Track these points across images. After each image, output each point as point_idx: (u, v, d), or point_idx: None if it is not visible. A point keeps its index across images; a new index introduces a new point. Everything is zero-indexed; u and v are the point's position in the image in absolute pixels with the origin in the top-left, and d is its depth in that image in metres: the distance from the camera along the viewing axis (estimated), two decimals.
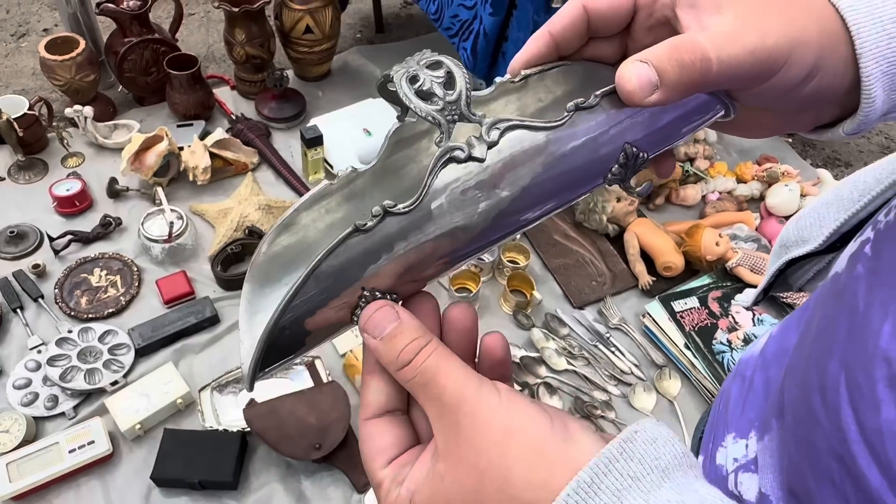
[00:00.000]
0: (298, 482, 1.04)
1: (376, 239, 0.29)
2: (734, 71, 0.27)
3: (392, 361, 0.28)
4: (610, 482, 0.23)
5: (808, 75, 0.29)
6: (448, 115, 0.29)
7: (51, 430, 1.07)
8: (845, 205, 0.41)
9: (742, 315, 1.24)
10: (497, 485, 0.25)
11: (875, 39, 0.28)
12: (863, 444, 0.28)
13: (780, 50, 0.27)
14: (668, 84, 0.27)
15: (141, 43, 1.49)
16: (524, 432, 0.25)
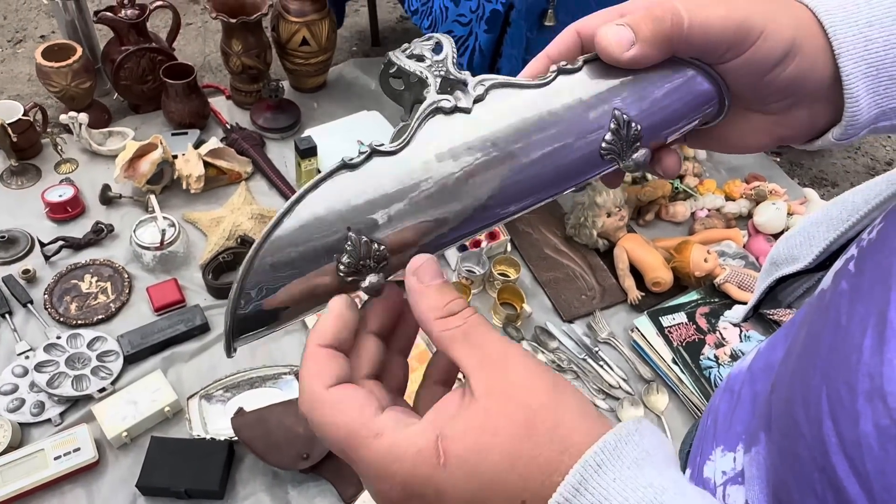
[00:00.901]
0: (285, 492, 1.04)
1: (365, 185, 0.29)
2: (706, 30, 0.28)
3: (439, 308, 0.28)
4: (630, 451, 0.25)
5: (786, 53, 0.29)
6: (435, 71, 0.31)
7: (36, 437, 1.06)
8: (834, 224, 0.42)
9: (729, 331, 1.25)
10: (549, 425, 0.25)
11: (852, 41, 0.29)
12: (842, 455, 0.29)
13: (752, 21, 0.28)
14: (643, 38, 0.28)
15: (138, 51, 1.50)
16: (571, 391, 0.26)
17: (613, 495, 0.24)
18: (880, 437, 0.27)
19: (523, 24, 1.19)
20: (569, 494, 0.24)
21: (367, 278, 0.29)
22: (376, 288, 0.30)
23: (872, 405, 0.27)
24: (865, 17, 0.29)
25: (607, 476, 0.24)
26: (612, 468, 0.24)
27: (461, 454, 0.25)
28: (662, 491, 0.24)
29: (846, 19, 0.29)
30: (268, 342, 1.21)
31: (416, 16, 1.44)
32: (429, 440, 0.25)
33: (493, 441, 0.25)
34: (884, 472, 0.27)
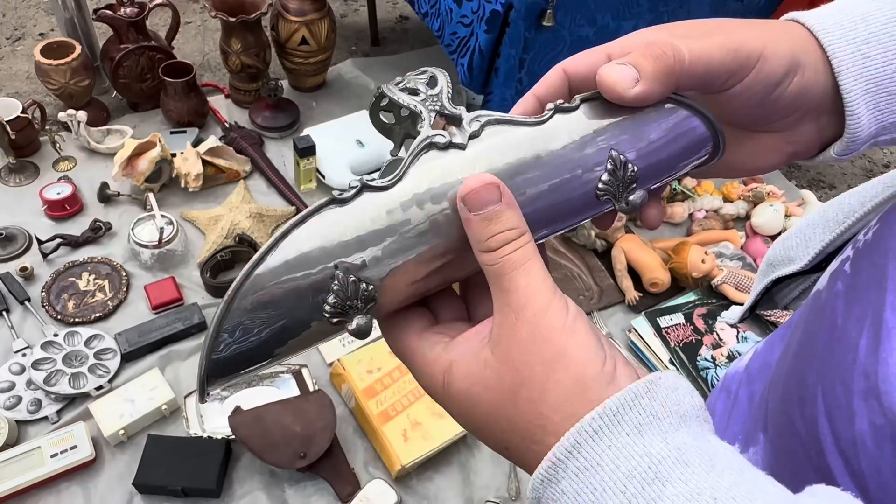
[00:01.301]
0: (282, 491, 1.04)
1: (353, 214, 0.28)
2: (707, 61, 0.28)
3: (480, 241, 0.27)
4: (633, 416, 0.24)
5: (787, 71, 0.29)
6: (430, 105, 0.30)
7: (33, 435, 1.06)
8: (831, 226, 0.42)
9: (726, 332, 1.26)
10: (531, 396, 0.26)
11: (851, 59, 0.29)
12: (837, 454, 0.29)
13: (750, 45, 0.29)
14: (646, 76, 0.28)
15: (137, 49, 1.50)
16: (575, 363, 0.26)
17: (606, 462, 0.24)
18: (875, 436, 0.27)
19: (521, 25, 1.19)
20: (562, 455, 0.24)
21: (353, 320, 0.28)
22: (364, 330, 0.28)
23: (868, 404, 0.28)
24: (863, 34, 0.29)
25: (602, 442, 0.24)
26: (609, 434, 0.24)
27: (457, 393, 0.28)
28: (660, 461, 0.23)
29: (844, 37, 0.29)
30: None
31: (426, 18, 1.44)
32: (440, 370, 0.28)
33: (482, 394, 0.27)
34: (879, 471, 0.27)
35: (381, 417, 1.07)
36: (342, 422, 1.11)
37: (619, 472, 0.23)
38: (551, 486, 0.25)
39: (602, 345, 0.27)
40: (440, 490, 1.06)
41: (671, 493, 0.22)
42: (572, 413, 0.25)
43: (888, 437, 0.26)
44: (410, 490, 1.06)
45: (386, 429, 1.05)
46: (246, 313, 0.27)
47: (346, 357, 1.14)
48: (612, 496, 0.23)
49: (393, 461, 1.04)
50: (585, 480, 0.24)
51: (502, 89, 1.30)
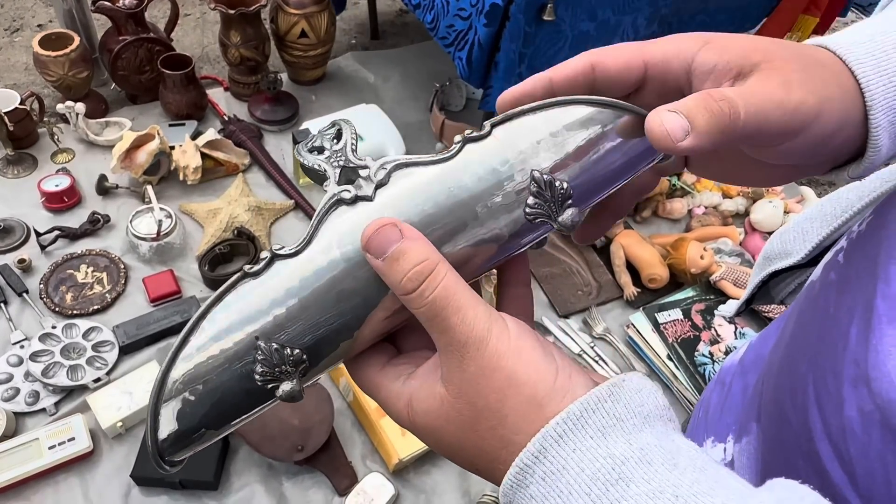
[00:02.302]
0: (279, 483, 1.04)
1: (267, 285, 0.28)
2: (762, 120, 0.27)
3: (396, 286, 0.27)
4: (596, 419, 0.25)
5: (836, 130, 0.28)
6: (334, 161, 0.29)
7: (31, 426, 1.06)
8: (828, 220, 0.42)
9: (724, 328, 1.26)
10: (490, 424, 0.26)
11: (883, 91, 0.28)
12: (827, 441, 0.30)
13: (807, 105, 0.27)
14: (699, 131, 0.26)
15: (135, 41, 1.49)
16: (526, 385, 0.26)
17: (571, 465, 0.24)
18: (864, 422, 0.28)
19: (522, 18, 1.18)
20: (529, 461, 0.25)
21: (280, 387, 0.28)
22: (293, 396, 0.28)
23: (857, 391, 0.28)
24: (895, 65, 0.28)
25: (567, 446, 0.25)
26: (573, 438, 0.25)
27: (422, 427, 0.29)
28: (623, 461, 0.24)
29: (876, 68, 0.28)
30: None
31: (418, 10, 1.43)
32: (403, 405, 0.29)
33: (445, 427, 0.28)
34: (866, 456, 0.27)
35: (379, 411, 1.07)
36: (340, 415, 1.11)
37: (583, 475, 0.24)
38: (520, 490, 0.25)
39: (553, 357, 0.27)
40: (437, 484, 1.06)
41: (634, 492, 0.23)
42: (533, 431, 0.25)
43: (876, 422, 0.27)
44: (408, 484, 1.06)
45: (384, 422, 1.06)
46: (178, 393, 0.28)
47: None
48: (577, 498, 0.24)
49: (390, 455, 1.04)
50: (552, 484, 0.24)
51: (502, 83, 1.29)
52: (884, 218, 0.31)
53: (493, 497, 1.03)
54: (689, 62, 0.28)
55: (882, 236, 0.30)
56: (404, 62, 1.86)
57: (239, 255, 1.32)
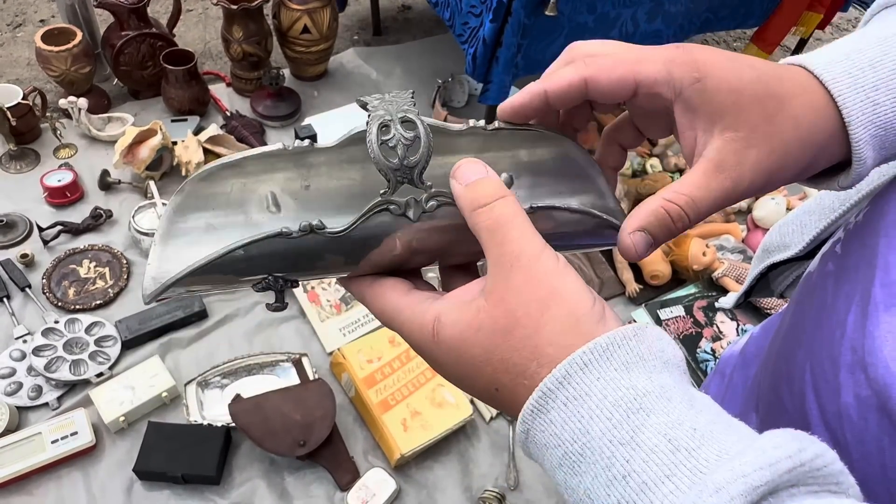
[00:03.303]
0: (282, 479, 1.04)
1: (295, 246, 0.31)
2: (706, 215, 0.31)
3: (469, 204, 0.30)
4: (621, 354, 0.26)
5: (797, 175, 0.31)
6: (399, 175, 0.31)
7: (34, 421, 1.07)
8: (825, 213, 0.42)
9: (726, 325, 1.26)
10: (526, 332, 0.27)
11: (860, 107, 0.29)
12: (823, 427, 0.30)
13: (754, 187, 0.30)
14: (658, 241, 0.31)
15: (138, 37, 1.49)
16: (567, 301, 0.27)
17: (594, 392, 0.25)
18: (860, 407, 0.28)
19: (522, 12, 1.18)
20: (552, 386, 0.26)
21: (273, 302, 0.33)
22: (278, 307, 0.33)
23: (854, 377, 0.28)
24: (871, 81, 0.29)
25: (591, 375, 0.25)
26: (598, 368, 0.25)
27: (448, 340, 0.29)
28: (645, 394, 0.25)
29: (852, 85, 0.29)
30: (265, 330, 1.21)
31: (437, 7, 1.44)
32: (429, 320, 0.30)
33: (474, 336, 0.28)
34: (862, 442, 0.28)
35: (381, 406, 1.07)
36: (342, 410, 1.11)
37: (606, 401, 0.25)
38: (541, 416, 0.26)
39: (591, 290, 0.29)
40: (439, 479, 1.06)
41: (654, 421, 0.24)
42: (566, 345, 0.26)
43: (873, 407, 0.27)
44: (409, 479, 1.06)
45: (385, 418, 1.06)
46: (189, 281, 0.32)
47: (347, 346, 1.14)
48: (598, 422, 0.25)
49: (392, 450, 1.04)
50: (574, 409, 0.25)
51: (502, 76, 1.29)
52: (882, 208, 0.32)
53: (495, 492, 1.04)
54: (677, 93, 0.30)
55: (880, 226, 0.31)
56: (406, 58, 1.86)
57: None
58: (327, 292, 1.26)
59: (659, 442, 0.23)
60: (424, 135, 0.31)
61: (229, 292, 0.33)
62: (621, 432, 0.24)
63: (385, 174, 0.31)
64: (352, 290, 0.34)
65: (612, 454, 0.24)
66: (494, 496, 1.03)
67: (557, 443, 0.25)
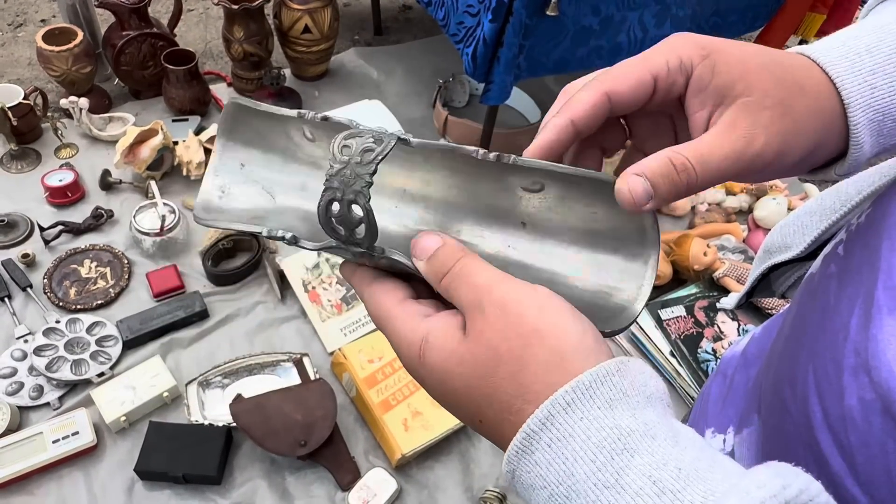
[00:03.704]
0: (283, 479, 1.04)
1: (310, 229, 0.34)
2: (718, 176, 0.29)
3: (434, 277, 0.30)
4: (604, 391, 0.25)
5: (803, 159, 0.30)
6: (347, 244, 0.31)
7: (35, 420, 1.07)
8: (827, 214, 0.42)
9: (727, 325, 1.26)
10: (511, 369, 0.27)
11: (859, 90, 0.29)
12: (827, 430, 0.30)
13: (768, 152, 0.29)
14: (659, 195, 0.29)
15: (139, 37, 1.49)
16: (551, 336, 0.27)
17: (577, 433, 0.25)
18: (864, 411, 0.28)
19: (524, 12, 1.18)
20: (536, 427, 0.25)
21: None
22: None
23: (857, 380, 0.28)
24: (868, 65, 0.29)
25: (574, 415, 0.25)
26: (581, 407, 0.25)
27: (432, 365, 0.29)
28: (629, 433, 0.24)
29: (850, 69, 0.29)
30: (266, 330, 1.21)
31: (430, 7, 1.43)
32: (417, 339, 0.30)
33: (456, 368, 0.28)
34: (867, 445, 0.28)
35: (382, 406, 1.07)
36: (343, 410, 1.11)
37: (589, 443, 0.25)
38: (525, 457, 0.26)
39: (580, 318, 0.28)
40: (440, 479, 1.06)
41: (638, 462, 0.24)
42: (552, 383, 0.26)
43: (877, 411, 0.27)
44: (410, 479, 1.06)
45: (386, 418, 1.06)
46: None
47: (347, 346, 1.14)
48: (582, 465, 0.24)
49: (393, 450, 1.04)
50: (558, 451, 0.25)
51: (503, 76, 1.29)
52: (884, 209, 0.32)
53: (496, 492, 1.04)
54: (689, 74, 0.30)
55: (883, 228, 0.30)
56: (407, 58, 1.86)
57: (242, 251, 1.32)
58: (328, 292, 1.26)
59: (643, 484, 0.23)
60: (368, 222, 0.30)
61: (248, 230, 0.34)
62: (605, 475, 0.24)
63: (333, 238, 0.31)
64: (352, 283, 0.34)
65: (598, 497, 0.24)
66: (495, 496, 1.03)
67: (543, 484, 0.25)
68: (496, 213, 0.35)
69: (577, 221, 0.33)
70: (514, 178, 0.33)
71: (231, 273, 1.26)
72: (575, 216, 0.33)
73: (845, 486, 0.29)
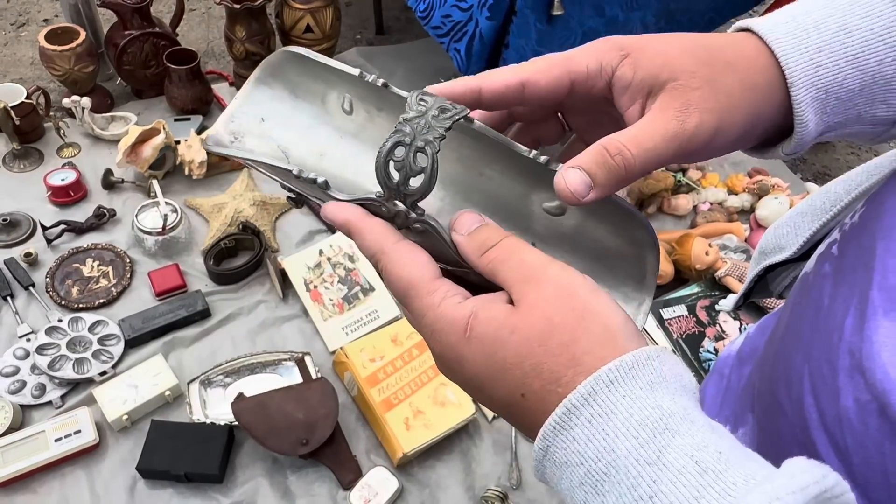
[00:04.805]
0: (284, 477, 1.04)
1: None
2: (657, 159, 0.30)
3: (475, 250, 0.30)
4: (646, 373, 0.26)
5: (743, 135, 0.30)
6: (394, 194, 0.31)
7: (37, 419, 1.07)
8: (818, 214, 0.43)
9: (729, 324, 1.26)
10: (564, 340, 0.27)
11: (803, 68, 0.29)
12: (822, 431, 0.30)
13: (704, 129, 0.29)
14: (599, 184, 0.29)
15: (141, 36, 1.49)
16: (603, 315, 0.27)
17: (620, 410, 0.25)
18: (860, 412, 0.28)
19: (531, 15, 1.18)
20: (577, 402, 0.25)
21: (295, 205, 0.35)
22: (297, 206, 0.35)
23: (853, 381, 0.28)
24: (815, 43, 0.29)
25: (617, 392, 0.25)
26: (624, 385, 0.25)
27: (481, 337, 0.28)
28: (670, 414, 0.24)
29: (796, 46, 0.29)
30: (268, 329, 1.21)
31: None
32: (464, 315, 0.29)
33: (508, 337, 0.27)
34: (863, 446, 0.28)
35: (384, 405, 1.07)
36: (344, 409, 1.11)
37: (632, 419, 0.24)
38: (563, 433, 0.26)
39: (622, 310, 0.29)
40: (441, 478, 1.06)
41: (680, 443, 0.24)
42: (603, 356, 0.26)
43: (874, 412, 0.27)
44: (412, 478, 1.06)
45: (388, 417, 1.06)
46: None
47: (349, 345, 1.14)
48: (624, 441, 0.24)
49: (395, 449, 1.04)
50: (598, 427, 0.25)
51: None
52: (878, 210, 0.31)
53: (497, 491, 1.04)
54: (609, 77, 0.31)
55: (876, 228, 0.30)
56: (409, 57, 1.86)
57: (244, 250, 1.32)
58: (330, 291, 1.26)
59: (686, 463, 0.23)
60: (430, 172, 0.29)
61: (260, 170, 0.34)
62: (648, 451, 0.24)
63: (381, 184, 0.30)
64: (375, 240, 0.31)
65: (639, 473, 0.23)
66: (497, 495, 1.03)
67: (580, 460, 0.25)
68: (511, 227, 0.35)
69: (585, 252, 0.34)
70: (539, 196, 0.34)
71: (233, 272, 1.26)
72: (584, 247, 0.34)
73: None
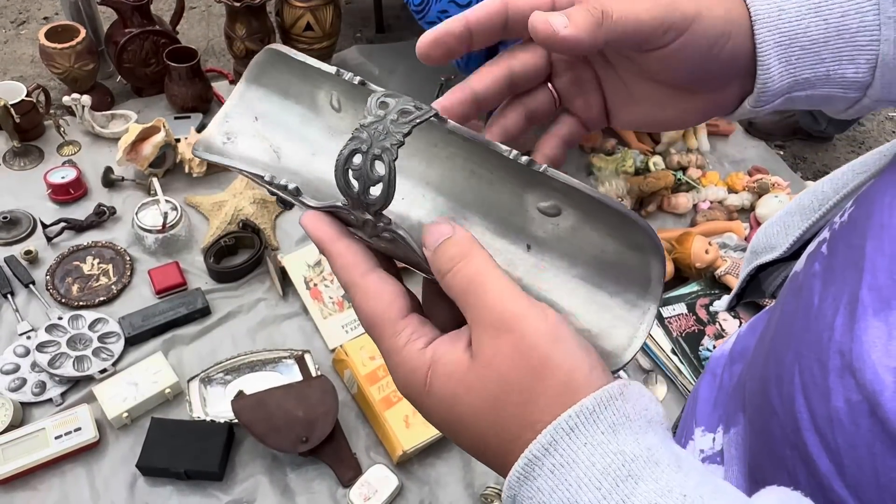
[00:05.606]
0: (284, 475, 1.05)
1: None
2: (635, 20, 0.29)
3: (437, 271, 0.28)
4: (608, 416, 0.25)
5: (722, 30, 0.30)
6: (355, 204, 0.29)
7: (38, 416, 1.07)
8: (807, 213, 0.43)
9: (729, 322, 1.26)
10: (520, 401, 0.26)
11: (766, 10, 0.29)
12: (813, 431, 0.30)
13: (684, 6, 0.29)
14: (575, 23, 0.28)
15: (141, 34, 1.49)
16: (564, 367, 0.26)
17: (581, 458, 0.24)
18: (851, 412, 0.28)
19: None
20: (539, 453, 0.25)
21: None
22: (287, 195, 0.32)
23: (843, 381, 0.28)
24: None
25: (578, 440, 0.24)
26: (585, 433, 0.24)
27: (439, 392, 0.27)
28: (633, 459, 0.24)
29: None
30: (268, 326, 1.22)
31: None
32: (423, 365, 0.28)
33: (465, 395, 0.27)
34: (854, 446, 0.28)
35: (383, 403, 1.07)
36: (344, 407, 1.11)
37: (594, 469, 0.24)
38: (527, 483, 0.25)
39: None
40: (441, 476, 1.07)
41: (643, 489, 0.23)
42: (560, 416, 0.25)
43: (864, 413, 0.27)
44: (412, 475, 1.07)
45: (388, 414, 1.06)
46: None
47: (349, 343, 1.14)
48: (586, 492, 0.24)
49: (394, 446, 1.04)
50: (561, 477, 0.24)
51: None
52: (867, 209, 0.31)
53: (497, 489, 1.04)
54: None
55: (866, 227, 0.30)
56: (409, 55, 1.85)
57: (244, 248, 1.32)
58: (330, 289, 1.26)
59: None
60: (387, 181, 0.28)
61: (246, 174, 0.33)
62: (610, 502, 0.23)
63: (343, 193, 0.29)
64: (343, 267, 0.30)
65: None
66: (496, 493, 1.03)
67: None
68: (506, 229, 0.34)
69: (584, 256, 0.32)
70: (533, 195, 0.32)
71: (233, 270, 1.27)
72: (583, 250, 0.32)
73: (833, 487, 0.29)
